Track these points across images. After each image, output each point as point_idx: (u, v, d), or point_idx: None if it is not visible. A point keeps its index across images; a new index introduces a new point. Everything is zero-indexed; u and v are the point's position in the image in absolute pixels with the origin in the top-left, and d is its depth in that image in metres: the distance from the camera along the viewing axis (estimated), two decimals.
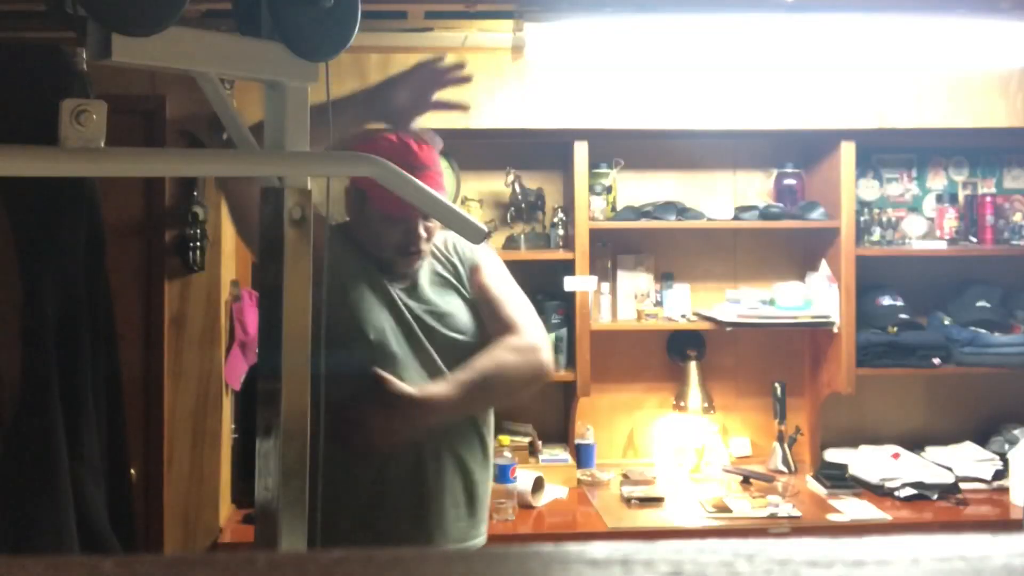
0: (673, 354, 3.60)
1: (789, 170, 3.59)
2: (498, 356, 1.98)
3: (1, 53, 2.24)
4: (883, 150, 3.68)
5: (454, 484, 1.99)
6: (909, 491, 3.15)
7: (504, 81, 3.17)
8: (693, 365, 3.53)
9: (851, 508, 3.06)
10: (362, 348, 1.92)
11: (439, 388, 1.92)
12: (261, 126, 1.32)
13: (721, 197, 3.57)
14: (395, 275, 2.03)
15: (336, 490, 1.86)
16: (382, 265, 2.03)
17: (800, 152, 3.65)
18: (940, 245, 3.54)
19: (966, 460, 3.34)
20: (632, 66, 3.17)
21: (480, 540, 2.06)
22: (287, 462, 1.23)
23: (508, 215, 3.53)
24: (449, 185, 3.44)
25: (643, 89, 3.22)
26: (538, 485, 3.12)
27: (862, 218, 3.56)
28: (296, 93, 1.29)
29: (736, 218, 3.43)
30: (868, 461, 3.32)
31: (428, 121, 3.11)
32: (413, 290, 2.04)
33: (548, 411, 3.57)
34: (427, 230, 2.02)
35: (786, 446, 3.46)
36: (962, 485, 3.20)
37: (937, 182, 3.72)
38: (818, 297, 3.45)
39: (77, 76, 2.16)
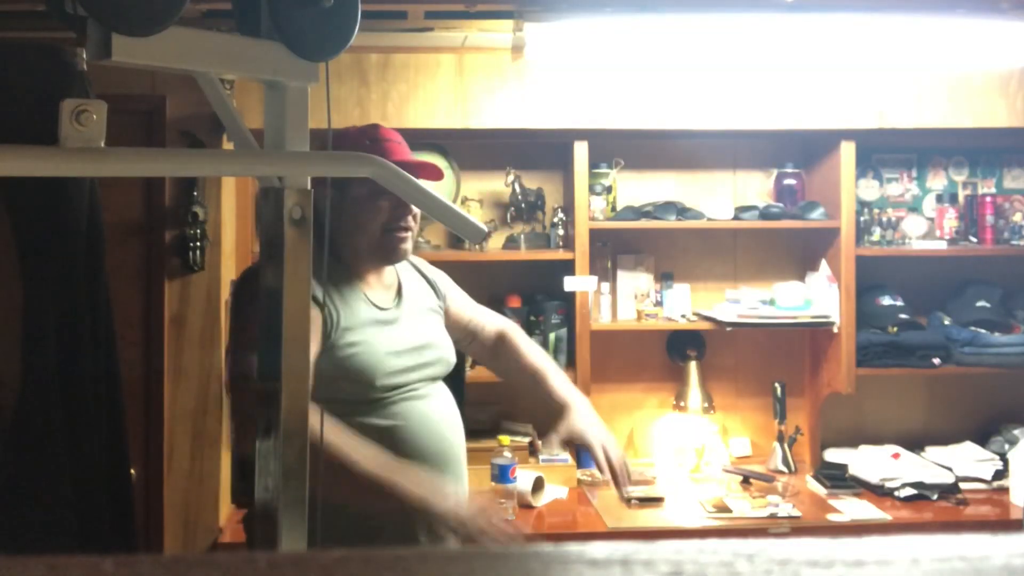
0: (673, 354, 3.60)
1: (789, 170, 3.59)
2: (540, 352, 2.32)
3: (1, 53, 2.24)
4: (883, 150, 3.67)
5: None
6: (909, 491, 3.15)
7: (504, 81, 3.17)
8: (693, 365, 3.53)
9: (851, 508, 3.06)
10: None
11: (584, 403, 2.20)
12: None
13: (721, 197, 3.57)
14: (380, 299, 2.00)
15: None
16: (363, 276, 2.00)
17: (800, 152, 3.65)
18: (940, 245, 3.54)
19: (966, 460, 3.34)
20: (632, 66, 3.17)
21: None
22: (287, 462, 1.23)
23: (508, 215, 3.53)
24: (449, 185, 3.44)
25: (643, 89, 3.22)
26: (538, 485, 3.12)
27: (862, 218, 3.56)
28: (296, 93, 1.29)
29: (736, 218, 3.43)
30: (868, 461, 3.32)
31: (427, 121, 3.13)
32: (401, 316, 2.03)
33: (548, 411, 3.56)
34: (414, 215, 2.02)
35: (786, 446, 3.46)
36: (962, 485, 3.19)
37: (937, 182, 3.72)
38: (818, 297, 3.45)
39: (77, 76, 2.17)
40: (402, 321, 2.01)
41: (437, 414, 1.98)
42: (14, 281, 2.19)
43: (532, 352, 2.28)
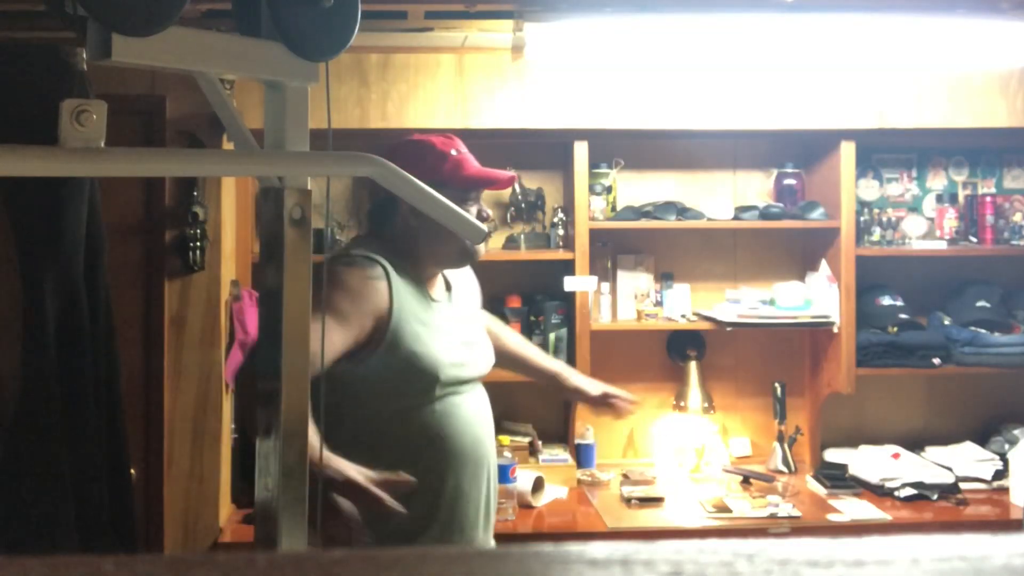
0: (673, 354, 3.60)
1: (789, 170, 3.59)
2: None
3: (1, 53, 2.24)
4: (883, 150, 3.67)
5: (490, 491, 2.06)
6: (909, 491, 3.15)
7: (504, 81, 3.17)
8: (693, 365, 3.53)
9: (851, 508, 3.06)
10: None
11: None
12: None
13: (721, 197, 3.57)
14: (438, 295, 2.05)
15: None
16: (426, 278, 2.04)
17: (800, 152, 3.65)
18: (940, 245, 3.54)
19: (966, 460, 3.34)
20: (632, 66, 3.17)
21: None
22: (287, 462, 1.23)
23: (508, 215, 3.53)
24: None
25: (643, 89, 3.22)
26: (538, 485, 3.12)
27: (862, 218, 3.56)
28: (296, 93, 1.29)
29: (736, 218, 3.43)
30: (868, 461, 3.32)
31: (427, 121, 3.13)
32: (454, 313, 2.07)
33: (548, 411, 3.57)
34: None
35: (786, 446, 3.46)
36: (962, 485, 3.19)
37: (937, 182, 3.71)
38: (818, 297, 3.45)
39: (77, 76, 2.17)
40: (455, 318, 2.06)
41: (477, 416, 2.02)
42: (14, 281, 2.19)
43: (509, 336, 2.47)
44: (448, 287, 2.11)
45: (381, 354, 1.88)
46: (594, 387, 2.39)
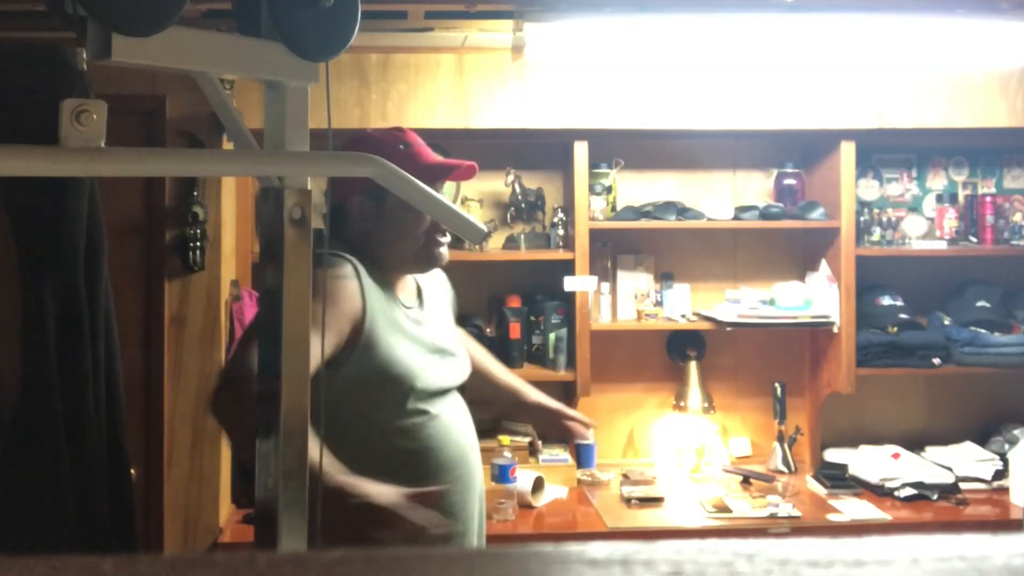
0: (673, 354, 3.60)
1: (789, 170, 3.59)
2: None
3: (1, 53, 2.24)
4: (883, 150, 3.68)
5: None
6: (909, 491, 3.15)
7: (504, 81, 3.17)
8: (693, 365, 3.53)
9: (851, 508, 3.06)
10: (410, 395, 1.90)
11: None
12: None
13: (721, 197, 3.57)
14: (408, 301, 2.00)
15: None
16: (393, 282, 1.98)
17: (800, 152, 3.65)
18: (940, 245, 3.54)
19: (966, 460, 3.34)
20: (632, 66, 3.17)
21: None
22: (287, 462, 1.23)
23: (508, 215, 3.53)
24: (449, 185, 3.44)
25: (643, 89, 3.22)
26: (538, 485, 3.12)
27: (862, 218, 3.56)
28: (296, 93, 1.29)
29: (736, 218, 3.43)
30: (868, 461, 3.32)
31: (427, 121, 3.13)
32: (426, 320, 2.02)
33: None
34: None
35: (786, 446, 3.46)
36: (962, 485, 3.19)
37: (937, 182, 3.72)
38: (818, 297, 3.45)
39: (77, 76, 2.17)
40: (428, 324, 2.00)
41: (459, 426, 1.96)
42: (14, 281, 2.19)
43: (473, 349, 2.31)
44: (419, 293, 2.04)
45: (356, 360, 1.81)
46: (553, 405, 2.33)
